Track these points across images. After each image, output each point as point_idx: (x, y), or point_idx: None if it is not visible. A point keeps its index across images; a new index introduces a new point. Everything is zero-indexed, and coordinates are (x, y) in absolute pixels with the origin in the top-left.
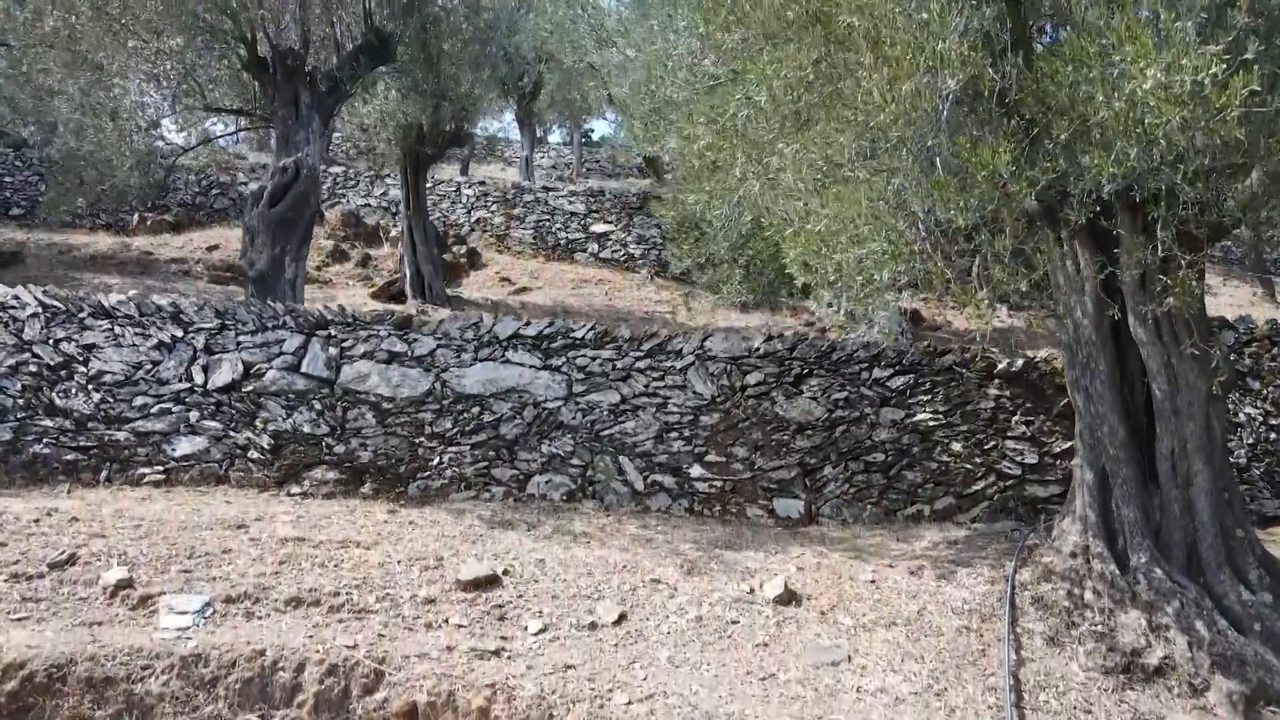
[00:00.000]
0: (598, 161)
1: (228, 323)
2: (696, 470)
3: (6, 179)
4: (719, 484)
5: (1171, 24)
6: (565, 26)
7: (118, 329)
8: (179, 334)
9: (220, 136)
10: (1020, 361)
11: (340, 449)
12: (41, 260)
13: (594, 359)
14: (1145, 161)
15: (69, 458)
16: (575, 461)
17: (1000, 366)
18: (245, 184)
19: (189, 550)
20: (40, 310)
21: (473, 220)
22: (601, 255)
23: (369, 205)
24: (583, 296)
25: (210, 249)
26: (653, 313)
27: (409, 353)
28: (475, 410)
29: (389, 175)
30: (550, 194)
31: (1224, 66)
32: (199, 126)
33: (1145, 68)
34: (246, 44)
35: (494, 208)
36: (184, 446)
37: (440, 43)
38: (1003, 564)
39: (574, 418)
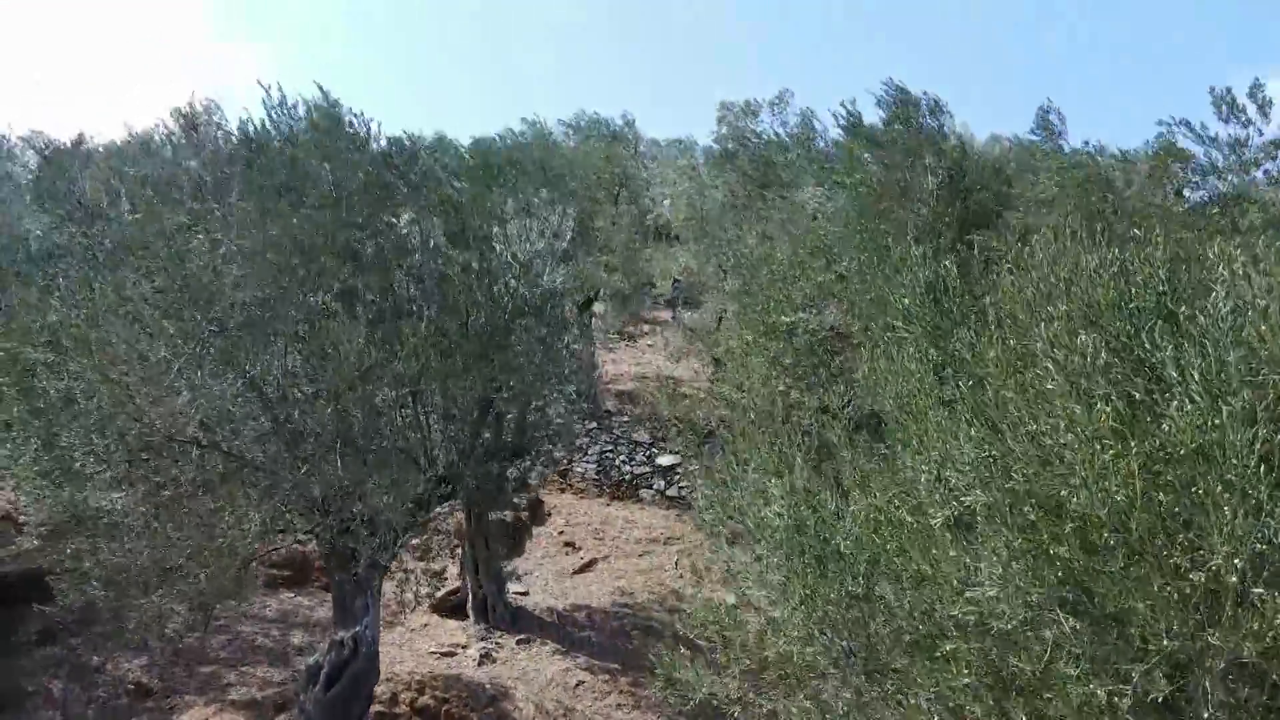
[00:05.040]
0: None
1: None
2: None
3: None
4: None
5: None
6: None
7: None
8: None
9: (281, 548)
10: None
11: None
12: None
13: None
14: None
15: None
16: None
17: None
18: None
19: None
20: None
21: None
22: (669, 493)
23: None
24: (651, 576)
25: None
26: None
27: None
28: None
29: None
30: (614, 419)
31: None
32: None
33: None
34: (306, 506)
35: None
36: None
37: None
38: None
39: None
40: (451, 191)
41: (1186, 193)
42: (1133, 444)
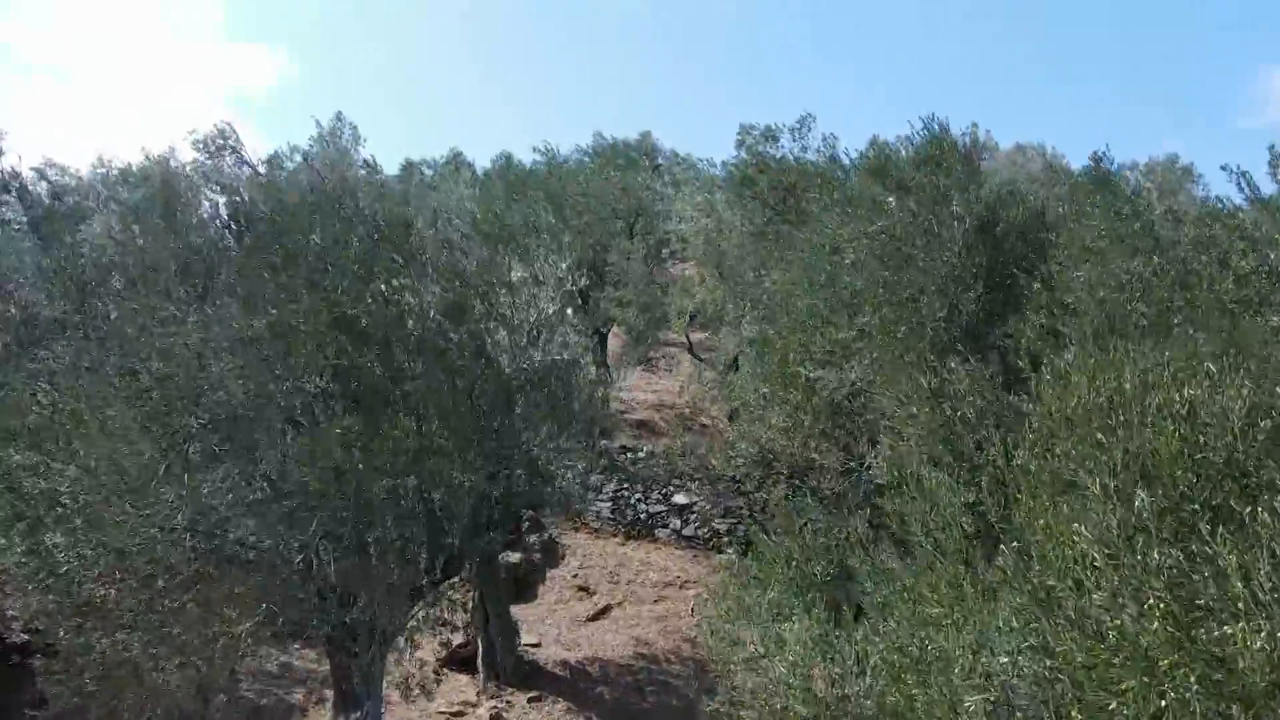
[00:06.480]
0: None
1: None
2: None
3: None
4: None
5: None
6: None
7: None
8: None
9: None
10: None
11: None
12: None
13: None
14: None
15: None
16: None
17: None
18: None
19: None
20: None
21: None
22: (685, 533)
23: None
24: (667, 624)
25: None
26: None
27: None
28: None
29: None
30: (629, 454)
31: None
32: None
33: None
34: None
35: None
36: None
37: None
38: None
39: None
40: (456, 256)
41: (1234, 259)
42: (1191, 674)
